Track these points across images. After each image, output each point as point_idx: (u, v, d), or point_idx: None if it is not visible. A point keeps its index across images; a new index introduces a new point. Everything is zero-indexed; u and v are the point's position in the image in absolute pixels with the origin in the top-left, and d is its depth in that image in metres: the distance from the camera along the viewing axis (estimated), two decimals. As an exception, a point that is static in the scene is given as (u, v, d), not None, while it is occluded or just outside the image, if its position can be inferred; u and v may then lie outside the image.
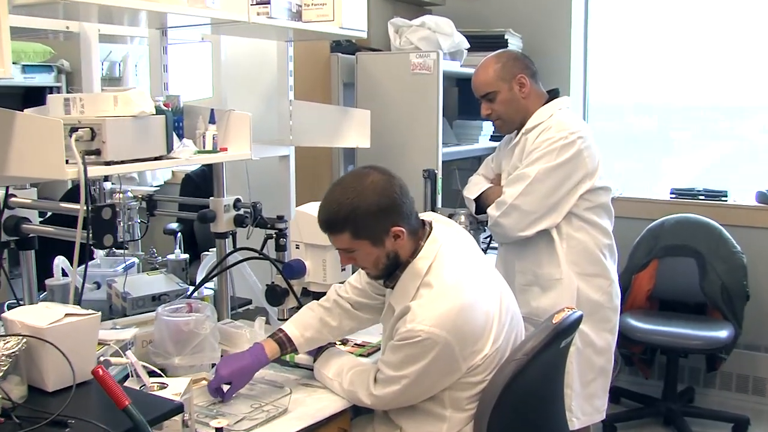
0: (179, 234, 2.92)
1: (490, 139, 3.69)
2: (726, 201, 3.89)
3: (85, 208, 1.66)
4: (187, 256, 2.95)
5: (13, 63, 4.20)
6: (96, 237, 1.71)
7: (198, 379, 1.94)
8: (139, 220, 2.73)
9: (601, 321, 2.43)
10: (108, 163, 1.69)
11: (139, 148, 1.77)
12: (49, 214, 2.33)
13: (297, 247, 2.28)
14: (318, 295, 2.26)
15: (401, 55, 3.23)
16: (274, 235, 2.38)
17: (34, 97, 4.62)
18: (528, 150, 2.36)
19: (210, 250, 2.62)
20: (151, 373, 1.73)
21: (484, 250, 2.54)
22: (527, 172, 2.33)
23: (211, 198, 2.42)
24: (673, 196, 3.99)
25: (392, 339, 1.78)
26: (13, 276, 2.16)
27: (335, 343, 2.12)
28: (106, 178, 2.83)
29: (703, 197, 3.93)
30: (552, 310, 2.27)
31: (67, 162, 1.58)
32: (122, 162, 1.72)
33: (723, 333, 3.48)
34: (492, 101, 2.45)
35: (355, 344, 2.28)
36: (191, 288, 2.50)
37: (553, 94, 2.48)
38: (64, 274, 2.58)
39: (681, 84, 4.11)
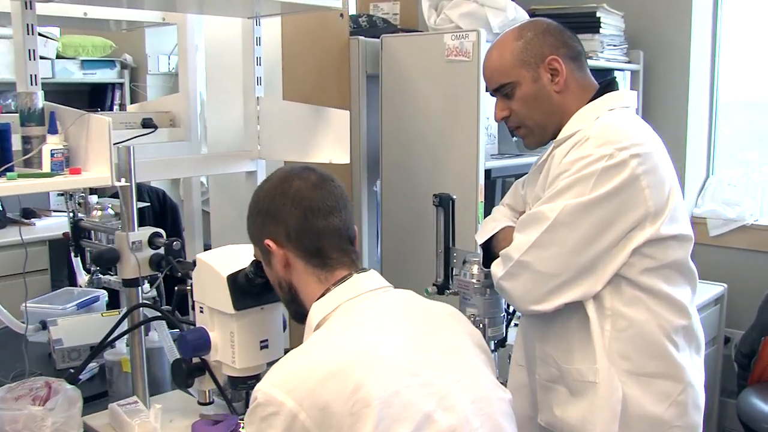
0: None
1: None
2: None
3: None
4: (155, 292, 2.39)
5: (72, 58, 3.83)
6: None
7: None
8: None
9: (664, 448, 1.52)
10: None
11: None
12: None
13: (201, 311, 1.58)
14: (234, 381, 1.58)
15: (434, 37, 2.45)
16: (188, 289, 1.70)
17: (101, 93, 4.25)
18: (553, 174, 1.51)
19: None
20: None
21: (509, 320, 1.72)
22: (544, 211, 1.47)
23: (117, 232, 1.78)
24: (829, 226, 2.96)
25: None
26: None
27: None
28: (93, 191, 2.33)
29: None
30: (582, 426, 1.47)
31: None
32: None
33: None
34: (509, 97, 1.61)
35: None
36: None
37: (606, 86, 1.61)
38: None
39: None
